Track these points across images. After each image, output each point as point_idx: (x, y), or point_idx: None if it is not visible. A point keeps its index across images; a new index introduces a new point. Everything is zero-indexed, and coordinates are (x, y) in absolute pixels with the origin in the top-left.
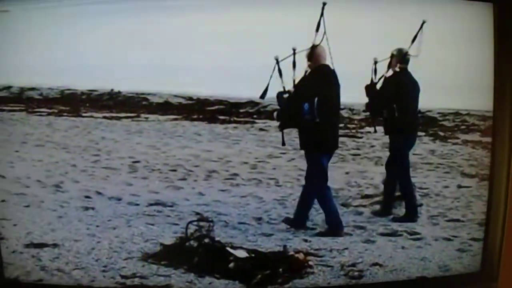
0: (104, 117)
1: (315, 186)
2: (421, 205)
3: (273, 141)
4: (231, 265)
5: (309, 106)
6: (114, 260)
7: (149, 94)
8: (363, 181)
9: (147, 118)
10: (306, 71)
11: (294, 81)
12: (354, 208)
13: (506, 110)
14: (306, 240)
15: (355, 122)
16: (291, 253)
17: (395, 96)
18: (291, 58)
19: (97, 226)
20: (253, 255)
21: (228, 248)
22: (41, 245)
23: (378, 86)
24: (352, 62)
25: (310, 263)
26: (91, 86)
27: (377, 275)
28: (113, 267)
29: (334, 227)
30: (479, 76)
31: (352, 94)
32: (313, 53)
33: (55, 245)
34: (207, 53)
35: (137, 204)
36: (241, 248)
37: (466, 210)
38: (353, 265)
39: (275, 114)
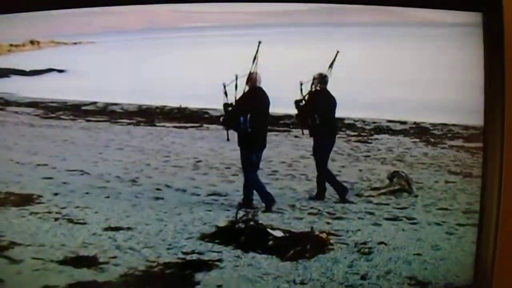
0: (174, 127)
1: (245, 173)
2: (416, 196)
3: (305, 145)
4: (270, 243)
5: (244, 119)
6: (177, 240)
7: (210, 109)
8: (372, 176)
9: (208, 127)
10: (244, 90)
11: (235, 98)
12: (365, 198)
13: (497, 121)
14: (328, 223)
15: (366, 131)
16: (317, 233)
17: (316, 109)
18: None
19: (165, 212)
20: (287, 234)
21: (268, 229)
22: (117, 228)
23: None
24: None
25: (331, 241)
26: (163, 102)
27: (383, 252)
28: (176, 246)
29: (269, 203)
30: (465, 91)
31: (364, 110)
32: (250, 78)
33: (129, 228)
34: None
35: (198, 195)
36: (279, 229)
37: (452, 201)
38: (364, 243)
39: (221, 119)
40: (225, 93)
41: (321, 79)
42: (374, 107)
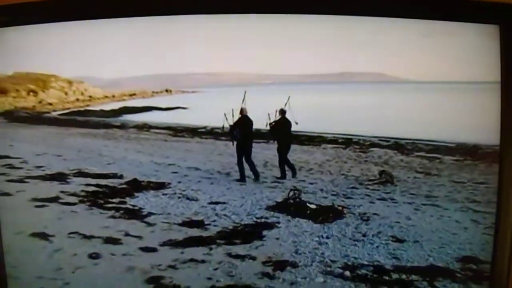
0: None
1: (239, 158)
2: (396, 185)
3: (329, 153)
4: (308, 212)
5: (236, 132)
6: (252, 210)
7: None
8: (369, 173)
9: (272, 142)
10: (239, 117)
11: (233, 121)
12: (365, 186)
13: None
14: (342, 200)
15: (365, 145)
16: (336, 206)
17: (279, 129)
18: (232, 112)
19: (246, 193)
20: (318, 207)
21: (307, 204)
22: (217, 203)
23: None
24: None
25: (345, 211)
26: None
27: (376, 220)
28: (252, 213)
29: (257, 175)
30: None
31: (364, 129)
32: (242, 110)
33: (224, 203)
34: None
35: (266, 182)
36: (313, 203)
37: (418, 189)
38: (364, 213)
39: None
40: (226, 119)
41: (281, 111)
42: (367, 130)
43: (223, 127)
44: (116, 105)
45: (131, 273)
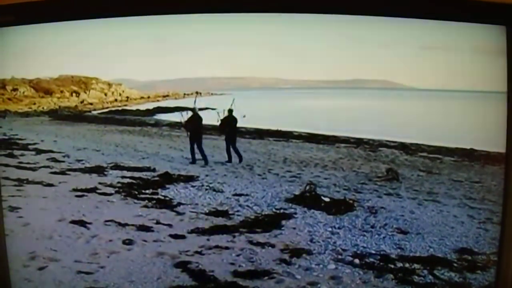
0: (274, 140)
1: (191, 144)
2: (401, 182)
3: (343, 152)
4: (322, 204)
5: (188, 127)
6: (272, 201)
7: (294, 131)
8: (377, 170)
9: (292, 140)
10: (191, 115)
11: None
12: (373, 182)
13: None
14: (353, 194)
15: (375, 145)
16: (347, 199)
17: (227, 123)
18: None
19: (267, 186)
20: (331, 200)
21: (322, 197)
22: (240, 195)
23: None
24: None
25: (355, 205)
26: (270, 126)
27: (382, 213)
28: (272, 204)
29: (206, 160)
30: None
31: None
32: (193, 109)
33: (246, 195)
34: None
35: (285, 177)
36: (327, 197)
37: (421, 186)
38: (373, 207)
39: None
40: (182, 116)
41: (229, 110)
42: (376, 132)
43: (180, 122)
44: (150, 105)
45: (161, 258)
